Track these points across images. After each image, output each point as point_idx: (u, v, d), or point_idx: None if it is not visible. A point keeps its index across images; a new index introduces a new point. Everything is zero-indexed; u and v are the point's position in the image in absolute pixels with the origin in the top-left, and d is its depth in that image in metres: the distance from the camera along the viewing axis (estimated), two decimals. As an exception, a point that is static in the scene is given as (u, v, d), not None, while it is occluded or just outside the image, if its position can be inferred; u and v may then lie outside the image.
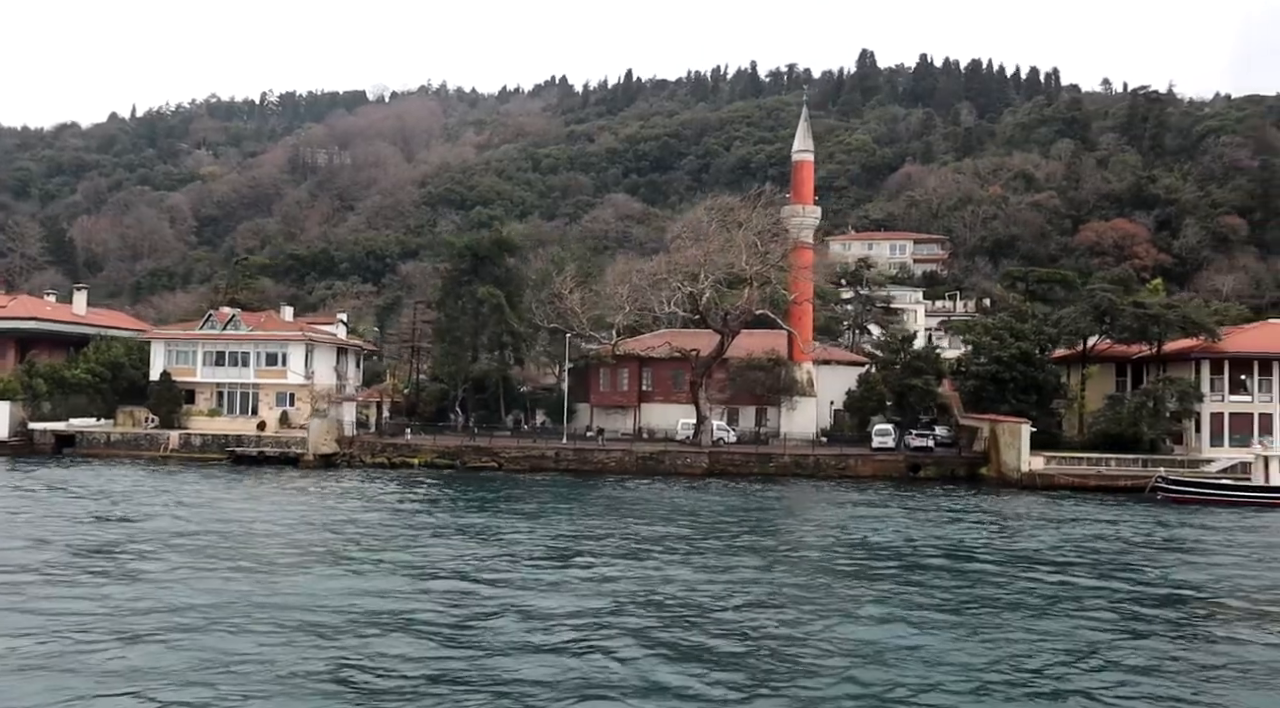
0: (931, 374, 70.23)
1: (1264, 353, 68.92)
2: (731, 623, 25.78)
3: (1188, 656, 23.84)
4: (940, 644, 24.02)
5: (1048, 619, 26.97)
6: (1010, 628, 25.90)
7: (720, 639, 24.11)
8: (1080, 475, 62.07)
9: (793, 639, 24.32)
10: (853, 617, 26.75)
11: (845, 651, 23.39)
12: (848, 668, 21.98)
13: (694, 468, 67.58)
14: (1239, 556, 38.54)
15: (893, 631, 25.27)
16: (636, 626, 25.12)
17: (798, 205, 79.53)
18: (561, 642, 23.60)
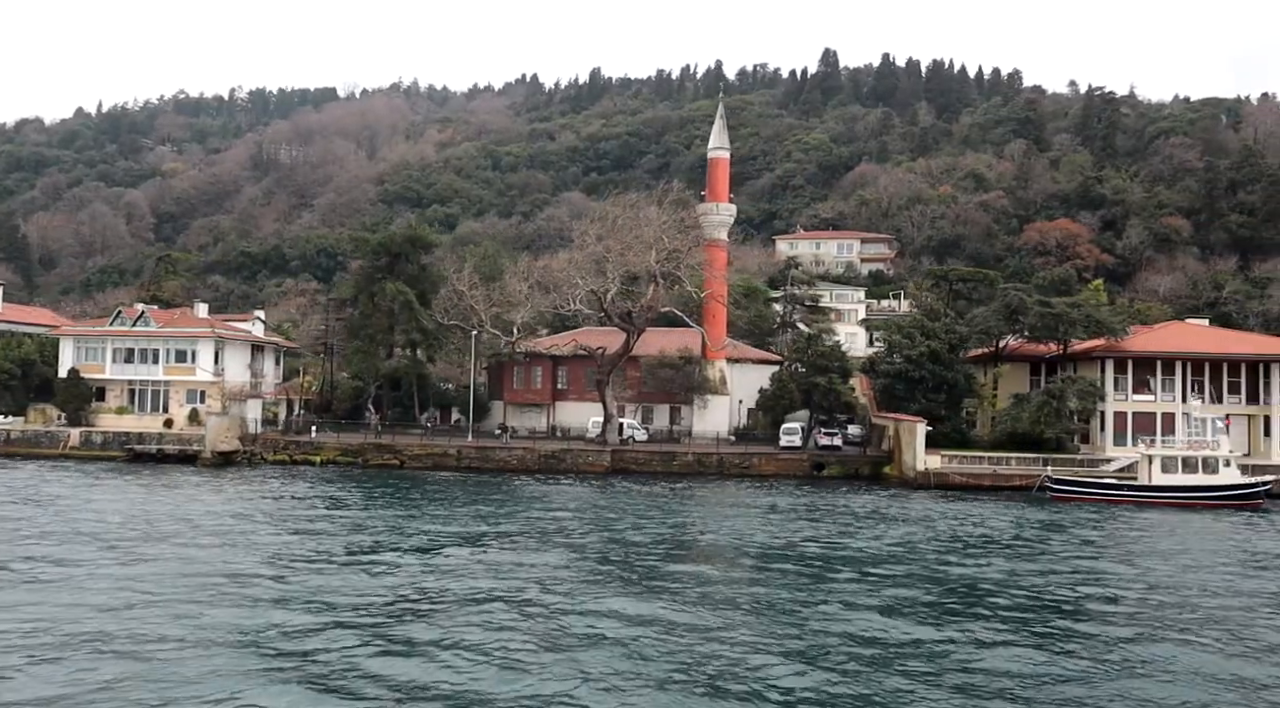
0: (836, 372, 69.96)
1: (1167, 353, 68.98)
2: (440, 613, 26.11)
3: (938, 648, 23.54)
4: (648, 635, 24.18)
5: (769, 615, 26.89)
6: (731, 624, 25.58)
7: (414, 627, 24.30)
8: (975, 475, 61.90)
9: (503, 627, 24.51)
10: (583, 606, 26.93)
11: (559, 640, 23.29)
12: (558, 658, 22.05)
13: (596, 466, 67.25)
14: (1061, 552, 38.21)
15: (616, 622, 25.36)
16: (369, 621, 24.94)
17: (712, 203, 79.19)
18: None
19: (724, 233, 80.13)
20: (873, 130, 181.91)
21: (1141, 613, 28.36)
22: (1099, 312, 69.44)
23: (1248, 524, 48.22)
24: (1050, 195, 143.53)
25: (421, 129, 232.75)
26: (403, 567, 32.26)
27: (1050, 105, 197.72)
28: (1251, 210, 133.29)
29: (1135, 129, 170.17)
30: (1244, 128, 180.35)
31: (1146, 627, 26.56)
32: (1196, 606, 29.30)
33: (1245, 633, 26.01)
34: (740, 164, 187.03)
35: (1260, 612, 28.62)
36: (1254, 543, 42.10)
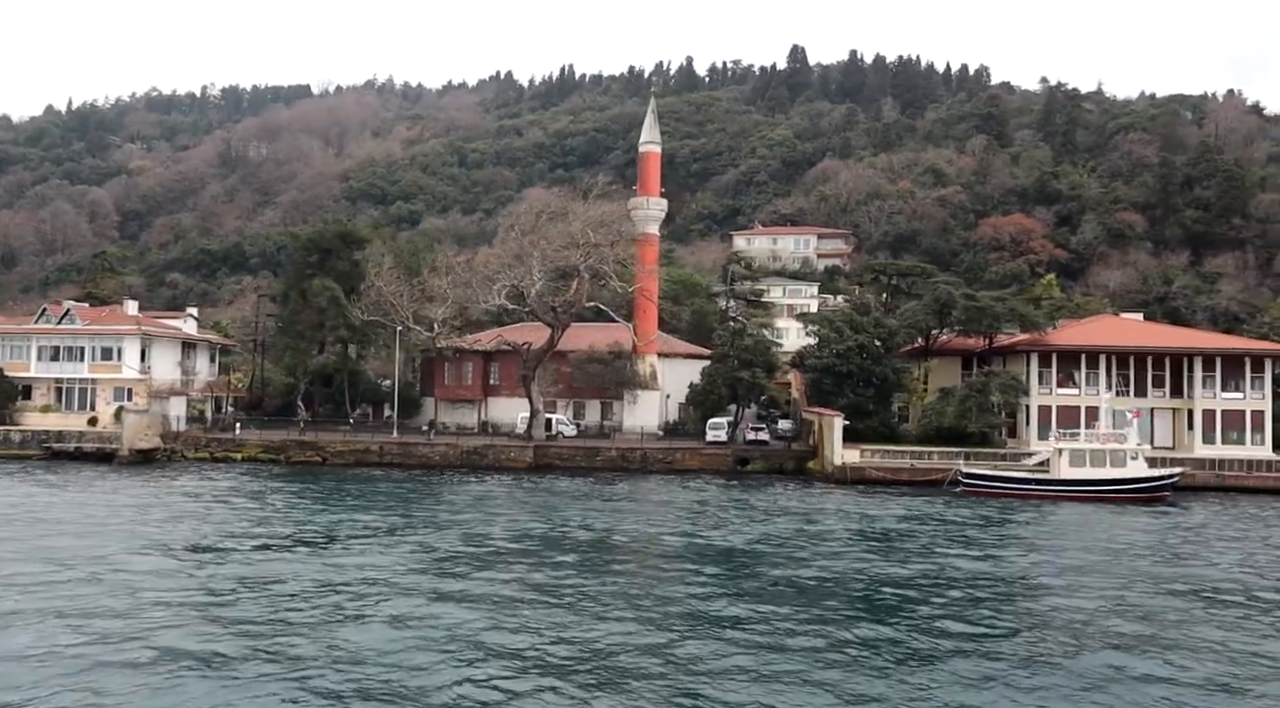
0: (760, 367, 69.63)
1: (1091, 346, 68.85)
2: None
3: (757, 638, 23.26)
4: (465, 625, 24.48)
5: (563, 607, 26.89)
6: (535, 617, 25.71)
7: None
8: (892, 469, 61.66)
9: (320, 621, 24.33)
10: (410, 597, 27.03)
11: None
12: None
13: (518, 462, 66.81)
14: (915, 546, 37.95)
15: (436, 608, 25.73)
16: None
17: (643, 197, 78.81)
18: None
19: (655, 227, 79.74)
20: (837, 126, 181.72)
21: (949, 602, 28.10)
22: (1024, 306, 69.37)
23: (1124, 515, 47.95)
24: (1008, 191, 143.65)
25: (390, 126, 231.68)
26: (239, 562, 32.09)
27: (1018, 102, 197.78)
28: (1206, 206, 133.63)
29: (1097, 125, 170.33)
30: (1207, 124, 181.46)
31: (942, 614, 26.40)
32: (1016, 595, 29.17)
33: (1070, 627, 25.79)
34: (706, 160, 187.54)
35: (1075, 605, 28.38)
36: (1115, 535, 41.85)
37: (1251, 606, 28.47)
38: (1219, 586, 31.51)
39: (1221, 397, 68.16)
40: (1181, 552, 37.87)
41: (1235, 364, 68.45)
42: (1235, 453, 66.01)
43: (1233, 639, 24.58)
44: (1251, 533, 42.90)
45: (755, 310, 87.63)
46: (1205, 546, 39.59)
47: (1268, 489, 60.02)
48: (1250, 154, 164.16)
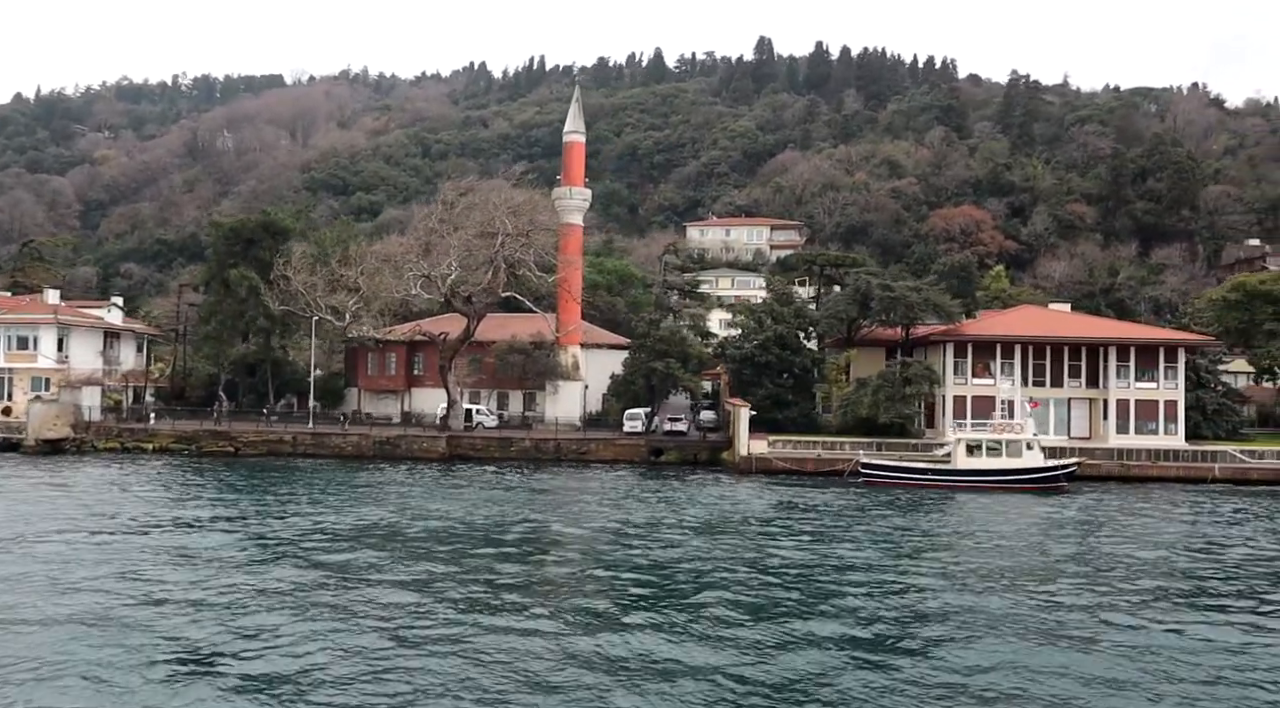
0: (675, 358, 69.33)
1: (1005, 336, 68.71)
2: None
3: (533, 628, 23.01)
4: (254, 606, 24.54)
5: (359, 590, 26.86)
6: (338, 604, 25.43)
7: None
8: (797, 460, 61.47)
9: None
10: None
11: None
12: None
13: (431, 452, 66.49)
14: (757, 535, 37.82)
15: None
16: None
17: (567, 187, 78.40)
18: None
19: (579, 217, 79.32)
20: (799, 118, 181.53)
21: (762, 592, 27.90)
22: (939, 296, 69.11)
23: (998, 504, 47.85)
24: (963, 182, 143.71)
25: (358, 117, 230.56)
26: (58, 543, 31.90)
27: (983, 94, 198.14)
28: (1158, 198, 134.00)
29: (1058, 117, 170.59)
30: (1169, 117, 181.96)
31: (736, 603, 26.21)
32: (801, 581, 29.06)
33: (865, 617, 25.57)
34: (669, 152, 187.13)
35: (895, 593, 28.20)
36: (970, 524, 41.72)
37: (1044, 594, 28.18)
38: (1032, 571, 31.42)
39: (1135, 386, 68.14)
40: (1027, 541, 37.55)
41: (1149, 354, 68.44)
42: (1148, 443, 66.01)
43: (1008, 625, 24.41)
44: (1115, 523, 42.65)
45: (689, 301, 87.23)
46: (1053, 533, 39.37)
47: (1170, 478, 60.09)
48: (1208, 147, 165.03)
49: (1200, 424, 71.37)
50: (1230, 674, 20.72)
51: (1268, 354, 78.40)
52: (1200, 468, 61.00)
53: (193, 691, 18.74)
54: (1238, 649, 22.59)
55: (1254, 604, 27.22)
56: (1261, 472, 60.68)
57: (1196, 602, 27.55)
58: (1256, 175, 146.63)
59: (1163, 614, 25.75)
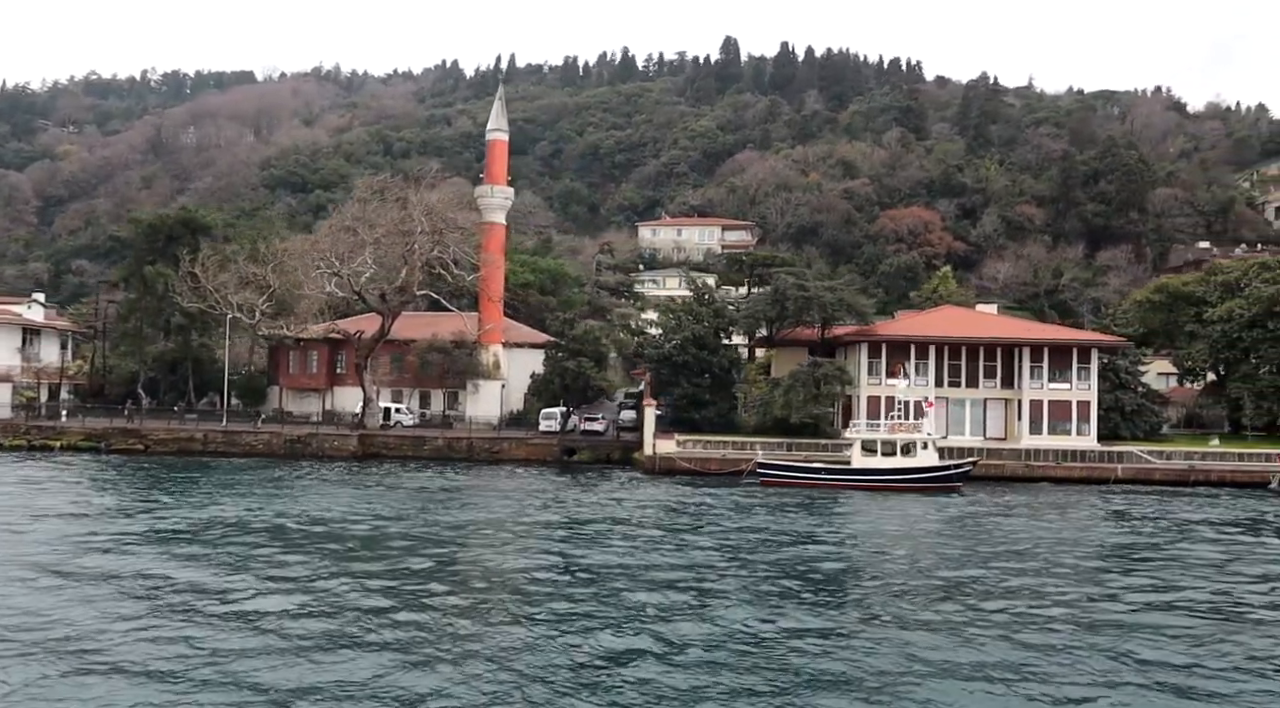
0: (589, 357, 69.10)
1: (920, 337, 68.78)
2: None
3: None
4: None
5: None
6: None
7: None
8: (701, 460, 61.34)
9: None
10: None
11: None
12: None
13: (342, 451, 66.18)
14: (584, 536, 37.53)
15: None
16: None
17: (489, 185, 78.14)
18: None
19: (502, 216, 79.08)
20: (760, 118, 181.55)
21: (570, 587, 27.70)
22: (853, 296, 69.20)
23: (881, 505, 47.78)
24: (916, 183, 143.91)
25: (321, 114, 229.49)
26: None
27: (946, 96, 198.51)
28: (1108, 200, 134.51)
29: (1016, 119, 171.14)
30: (1128, 120, 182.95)
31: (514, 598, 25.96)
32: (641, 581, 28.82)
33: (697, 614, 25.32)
34: (631, 151, 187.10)
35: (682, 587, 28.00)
36: (824, 524, 41.64)
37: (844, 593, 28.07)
38: (821, 571, 31.30)
39: (1049, 387, 68.32)
40: (863, 541, 37.23)
41: (1062, 355, 68.63)
42: (1061, 443, 66.24)
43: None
44: (973, 524, 42.35)
45: (615, 300, 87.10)
46: (891, 534, 39.15)
47: (1074, 479, 60.29)
48: (1164, 150, 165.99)
49: (1119, 425, 71.65)
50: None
51: (1189, 355, 78.81)
52: (1104, 468, 61.24)
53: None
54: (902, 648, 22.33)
55: (1004, 605, 27.11)
56: (1164, 472, 60.97)
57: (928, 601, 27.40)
58: (1208, 178, 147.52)
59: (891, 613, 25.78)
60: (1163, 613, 25.77)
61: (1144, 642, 22.83)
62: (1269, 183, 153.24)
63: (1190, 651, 22.31)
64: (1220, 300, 76.55)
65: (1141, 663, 21.26)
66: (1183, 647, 22.57)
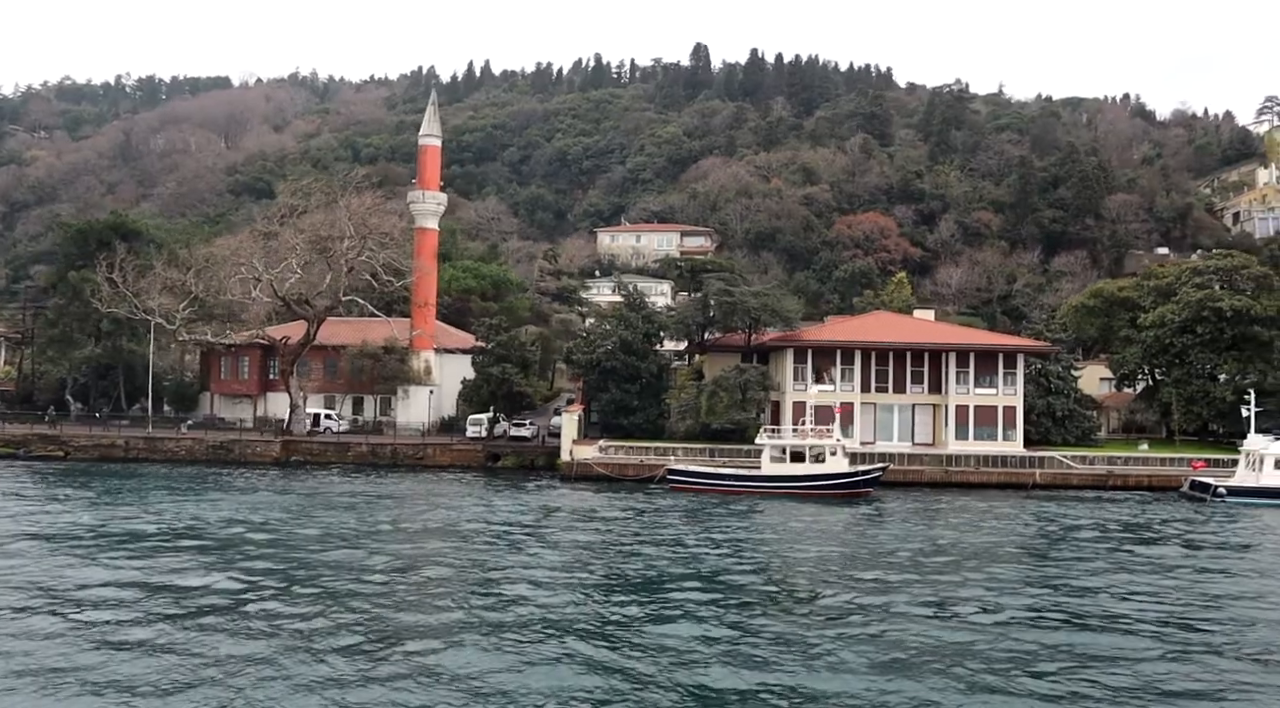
0: (514, 363, 68.76)
1: (846, 342, 68.64)
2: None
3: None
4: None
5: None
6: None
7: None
8: (618, 465, 61.09)
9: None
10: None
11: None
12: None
13: (265, 456, 65.76)
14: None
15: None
16: None
17: (420, 191, 77.88)
18: None
19: (434, 221, 78.79)
20: (726, 124, 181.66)
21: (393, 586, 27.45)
22: (779, 302, 69.08)
23: (781, 512, 47.57)
24: (876, 189, 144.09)
25: (291, 120, 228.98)
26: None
27: (915, 102, 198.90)
28: (1066, 206, 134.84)
29: (980, 126, 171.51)
30: (1093, 126, 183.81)
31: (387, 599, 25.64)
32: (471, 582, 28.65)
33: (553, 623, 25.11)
34: (598, 157, 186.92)
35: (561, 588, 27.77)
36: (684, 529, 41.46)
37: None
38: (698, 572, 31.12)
39: (975, 392, 68.30)
40: (722, 547, 37.11)
41: (988, 360, 68.61)
42: (987, 448, 66.18)
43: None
44: (858, 530, 42.26)
45: (557, 305, 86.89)
46: (750, 540, 39.00)
47: (992, 484, 60.15)
48: (1128, 157, 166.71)
49: (1050, 430, 71.67)
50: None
51: (1123, 361, 78.91)
52: (1022, 474, 61.19)
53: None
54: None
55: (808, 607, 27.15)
56: (1081, 477, 61.00)
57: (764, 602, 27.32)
58: (1168, 185, 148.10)
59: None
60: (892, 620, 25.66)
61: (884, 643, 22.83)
62: (1229, 189, 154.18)
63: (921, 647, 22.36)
64: (1154, 306, 76.71)
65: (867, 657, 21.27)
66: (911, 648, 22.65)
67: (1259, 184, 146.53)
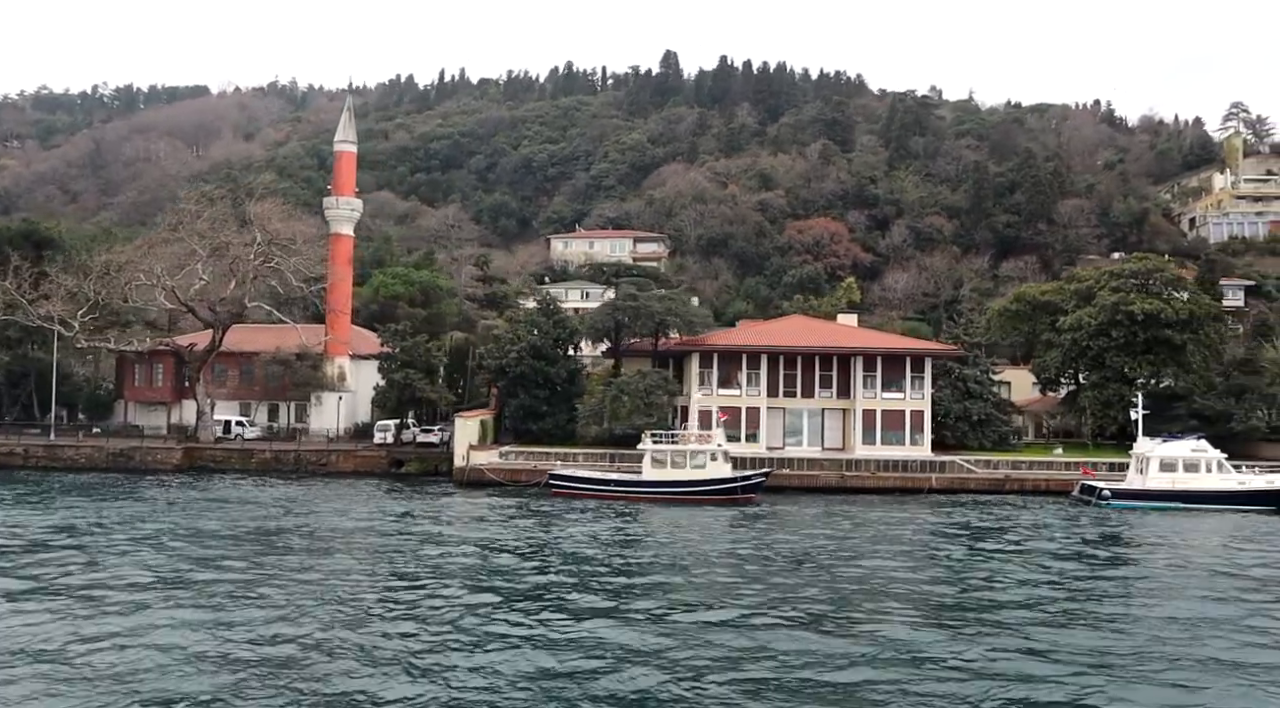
0: (417, 368, 68.36)
1: (751, 346, 68.30)
2: None
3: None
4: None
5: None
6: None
7: None
8: (510, 471, 60.70)
9: None
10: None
11: None
12: None
13: (166, 464, 65.34)
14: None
15: None
16: None
17: (335, 197, 77.61)
18: None
19: (349, 227, 78.46)
20: (691, 130, 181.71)
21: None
22: (682, 307, 68.78)
23: (650, 516, 47.20)
24: (831, 194, 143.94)
25: (261, 128, 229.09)
26: None
27: (882, 109, 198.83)
28: (1020, 211, 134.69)
29: (942, 131, 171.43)
30: (1060, 132, 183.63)
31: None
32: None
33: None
34: (563, 164, 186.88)
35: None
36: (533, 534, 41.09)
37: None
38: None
39: (882, 397, 67.95)
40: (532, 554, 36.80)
41: (896, 364, 68.26)
42: (893, 453, 65.73)
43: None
44: (711, 536, 41.78)
45: (483, 312, 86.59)
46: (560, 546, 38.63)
47: (888, 489, 59.61)
48: (1091, 162, 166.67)
49: (968, 434, 71.30)
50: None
51: (1044, 365, 78.56)
52: (918, 479, 60.71)
53: None
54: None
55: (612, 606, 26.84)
56: (979, 481, 60.56)
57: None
58: (1126, 190, 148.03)
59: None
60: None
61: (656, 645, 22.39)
62: (1188, 195, 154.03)
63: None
64: (1075, 309, 76.38)
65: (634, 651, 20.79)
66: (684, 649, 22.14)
67: (1215, 189, 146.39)
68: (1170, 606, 27.89)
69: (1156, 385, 73.10)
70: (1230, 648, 23.36)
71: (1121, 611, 27.63)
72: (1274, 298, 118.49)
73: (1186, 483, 54.08)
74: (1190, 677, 21.16)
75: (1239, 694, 20.04)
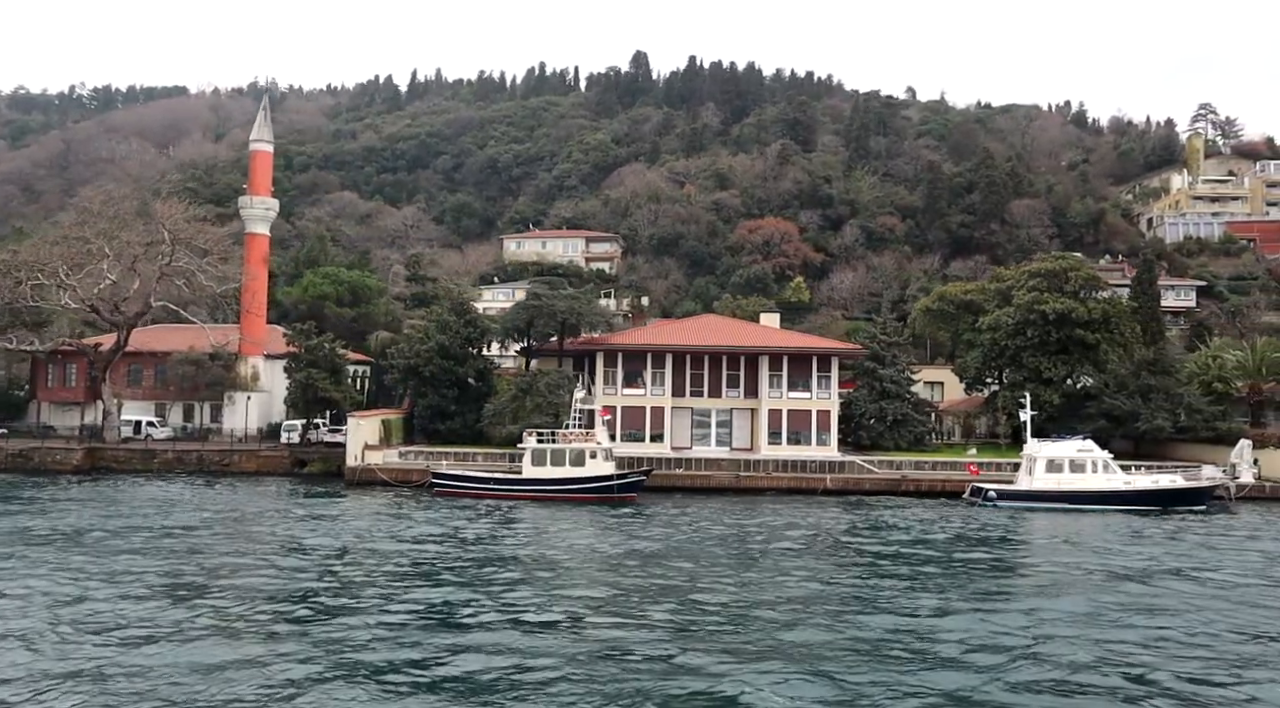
0: (322, 368, 67.88)
1: (656, 346, 67.91)
2: None
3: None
4: None
5: None
6: None
7: None
8: (400, 471, 60.29)
9: None
10: None
11: None
12: None
13: (65, 465, 64.84)
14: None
15: None
16: None
17: (250, 196, 77.22)
18: None
19: (264, 227, 78.08)
20: (655, 130, 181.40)
21: None
22: (586, 306, 68.42)
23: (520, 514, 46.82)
24: (786, 194, 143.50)
25: (231, 129, 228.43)
26: None
27: (849, 109, 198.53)
28: (975, 211, 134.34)
29: (904, 131, 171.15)
30: (1026, 133, 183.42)
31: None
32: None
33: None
34: (528, 165, 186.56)
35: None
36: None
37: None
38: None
39: (789, 396, 67.56)
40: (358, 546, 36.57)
41: (802, 364, 67.86)
42: (799, 454, 65.34)
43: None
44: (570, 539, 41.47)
45: (412, 313, 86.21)
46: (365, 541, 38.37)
47: (783, 489, 59.17)
48: (1055, 163, 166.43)
49: (883, 434, 70.89)
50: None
51: (965, 365, 78.11)
52: (813, 479, 60.24)
53: None
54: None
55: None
56: (875, 482, 60.10)
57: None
58: (1085, 191, 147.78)
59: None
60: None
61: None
62: (1148, 195, 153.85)
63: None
64: (996, 309, 75.99)
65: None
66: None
67: (1174, 190, 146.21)
68: (924, 599, 27.56)
69: (1074, 385, 72.74)
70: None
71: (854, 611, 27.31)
72: (1225, 298, 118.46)
73: (1072, 483, 53.74)
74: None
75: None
